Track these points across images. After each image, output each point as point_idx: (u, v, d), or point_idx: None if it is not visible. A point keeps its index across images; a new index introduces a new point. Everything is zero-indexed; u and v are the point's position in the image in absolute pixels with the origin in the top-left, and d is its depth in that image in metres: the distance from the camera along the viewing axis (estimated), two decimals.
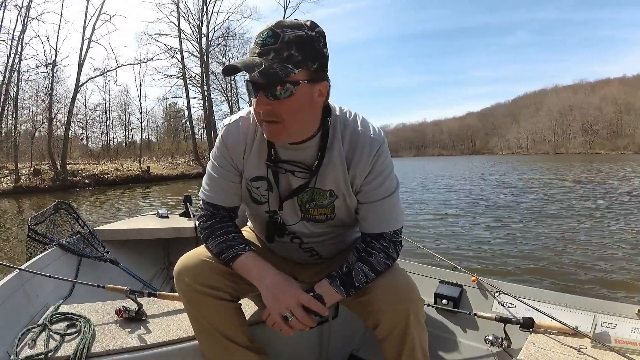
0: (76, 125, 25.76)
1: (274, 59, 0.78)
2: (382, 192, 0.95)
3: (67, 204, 1.98)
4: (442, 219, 6.32)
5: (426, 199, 9.20)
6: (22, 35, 18.11)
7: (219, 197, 1.00)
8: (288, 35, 0.78)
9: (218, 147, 0.99)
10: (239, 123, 0.97)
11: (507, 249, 4.26)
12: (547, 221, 5.80)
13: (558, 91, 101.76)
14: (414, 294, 0.94)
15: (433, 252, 1.82)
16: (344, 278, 0.93)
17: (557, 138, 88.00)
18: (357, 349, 1.49)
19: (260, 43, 0.79)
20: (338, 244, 1.11)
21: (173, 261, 1.44)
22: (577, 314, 1.21)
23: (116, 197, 13.35)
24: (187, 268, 0.96)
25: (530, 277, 3.31)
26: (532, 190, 10.30)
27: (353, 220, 1.04)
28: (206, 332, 0.97)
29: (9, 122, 19.88)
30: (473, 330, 1.37)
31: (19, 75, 18.70)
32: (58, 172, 17.81)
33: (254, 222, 1.16)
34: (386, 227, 0.97)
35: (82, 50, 20.12)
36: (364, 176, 0.94)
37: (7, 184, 15.88)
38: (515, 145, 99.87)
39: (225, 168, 0.98)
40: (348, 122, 0.94)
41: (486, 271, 3.37)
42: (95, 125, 31.94)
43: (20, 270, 1.26)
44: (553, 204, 7.51)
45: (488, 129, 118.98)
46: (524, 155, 74.64)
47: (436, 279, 1.52)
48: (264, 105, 0.82)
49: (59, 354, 0.95)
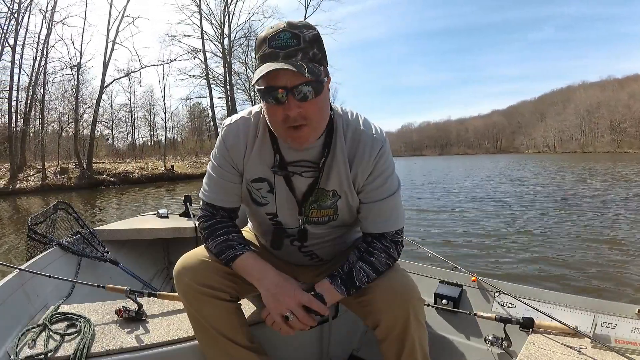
0: (102, 125, 26.90)
1: (303, 59, 0.78)
2: (383, 192, 0.95)
3: (67, 204, 1.98)
4: (449, 219, 6.32)
5: (437, 198, 9.20)
6: (47, 39, 18.93)
7: (219, 197, 1.00)
8: (307, 35, 0.79)
9: (218, 147, 0.98)
10: (240, 123, 0.97)
11: (507, 249, 4.26)
12: (549, 221, 5.80)
13: (585, 88, 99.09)
14: (414, 294, 0.94)
15: (433, 252, 1.82)
16: (345, 278, 0.93)
17: (585, 136, 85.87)
18: (357, 349, 1.49)
19: (281, 46, 0.78)
20: (338, 246, 1.10)
21: (173, 261, 1.44)
22: (577, 314, 1.21)
23: (141, 195, 13.65)
24: (187, 268, 0.96)
25: (530, 277, 3.31)
26: (542, 189, 10.30)
27: (354, 220, 1.04)
28: (206, 332, 0.97)
29: (36, 122, 20.74)
30: (473, 331, 1.37)
31: (45, 77, 19.45)
32: (84, 170, 18.42)
33: (253, 222, 1.16)
34: (388, 227, 0.97)
35: (106, 52, 20.70)
36: (365, 176, 0.94)
37: (34, 182, 16.51)
38: (541, 144, 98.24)
39: (225, 169, 0.98)
40: (350, 121, 0.95)
41: (486, 271, 3.37)
42: (121, 125, 32.64)
43: (20, 270, 1.26)
44: (555, 204, 7.51)
45: (514, 127, 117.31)
46: (551, 154, 72.94)
47: (436, 279, 1.52)
48: (296, 109, 0.80)
49: (59, 354, 0.95)
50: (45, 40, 18.86)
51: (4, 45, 17.90)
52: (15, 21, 17.99)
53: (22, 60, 18.61)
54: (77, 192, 15.02)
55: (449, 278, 1.51)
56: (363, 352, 1.47)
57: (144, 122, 34.12)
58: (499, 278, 1.67)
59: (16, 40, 18.13)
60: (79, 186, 16.70)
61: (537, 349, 1.09)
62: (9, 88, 18.37)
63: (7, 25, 17.82)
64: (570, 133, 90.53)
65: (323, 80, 0.81)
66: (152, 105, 31.90)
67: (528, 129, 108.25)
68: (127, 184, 18.06)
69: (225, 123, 0.99)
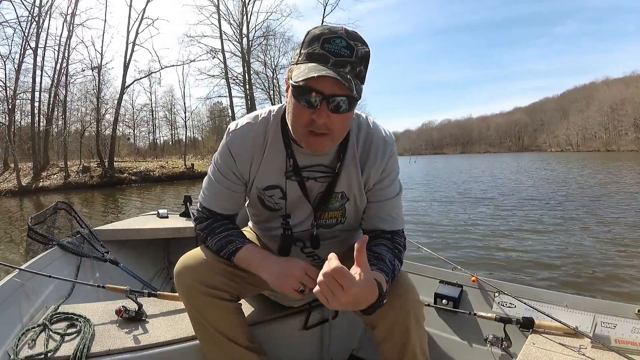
0: (124, 125, 27.21)
1: (350, 72, 0.76)
2: (391, 192, 0.97)
3: (67, 204, 1.98)
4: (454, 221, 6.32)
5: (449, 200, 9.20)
6: (68, 41, 19.45)
7: (218, 204, 0.99)
8: (360, 50, 0.78)
9: (222, 154, 0.95)
10: (246, 130, 0.93)
11: (507, 249, 4.26)
12: (552, 223, 5.80)
13: (609, 84, 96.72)
14: (413, 296, 0.94)
15: (433, 252, 1.82)
16: (392, 275, 0.89)
17: (608, 134, 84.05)
18: (357, 349, 1.49)
19: (335, 53, 0.76)
20: (339, 248, 1.10)
21: (173, 261, 1.44)
22: (577, 314, 1.21)
23: (161, 193, 13.81)
24: (187, 268, 0.96)
25: (530, 277, 3.31)
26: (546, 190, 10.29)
27: (359, 224, 1.05)
28: (206, 332, 0.97)
29: (59, 122, 21.20)
30: (473, 331, 1.37)
31: (67, 78, 19.98)
32: (106, 169, 18.76)
33: (260, 227, 1.12)
34: (397, 225, 0.99)
35: (126, 53, 21.00)
36: (377, 177, 0.95)
37: (57, 180, 16.97)
38: (564, 142, 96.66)
39: (227, 177, 0.96)
40: (361, 125, 0.96)
41: (486, 271, 3.38)
42: (142, 125, 33.12)
43: (20, 270, 1.26)
44: (557, 204, 7.51)
45: (536, 124, 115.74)
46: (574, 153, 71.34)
47: (436, 279, 1.52)
48: (325, 118, 0.78)
49: (59, 354, 0.95)
50: (66, 43, 19.42)
51: (26, 48, 18.49)
52: (36, 24, 18.51)
53: (43, 62, 19.17)
54: (98, 190, 15.29)
55: (449, 278, 1.51)
56: (363, 352, 1.47)
57: (165, 122, 34.80)
58: (499, 278, 1.67)
59: (37, 43, 18.63)
60: (101, 184, 17.04)
61: (537, 349, 1.09)
62: (32, 90, 18.99)
63: (28, 29, 18.42)
64: (593, 131, 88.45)
65: (359, 98, 0.79)
66: (172, 104, 32.48)
67: (550, 127, 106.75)
68: (148, 183, 18.39)
69: (230, 128, 0.95)
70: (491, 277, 1.51)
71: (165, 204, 10.11)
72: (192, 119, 33.19)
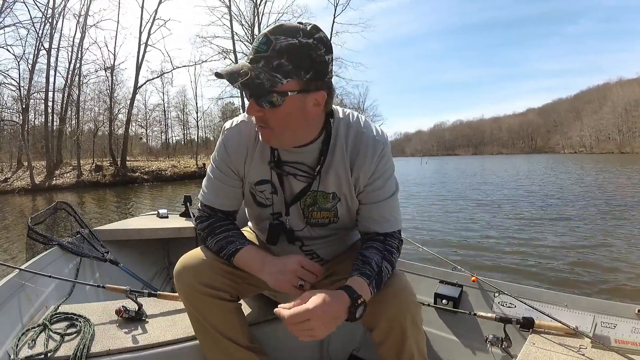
0: (136, 125, 27.77)
1: (263, 67, 0.76)
2: (384, 193, 0.95)
3: (67, 204, 1.97)
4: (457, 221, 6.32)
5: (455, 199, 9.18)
6: (81, 42, 19.95)
7: (218, 201, 1.00)
8: (280, 43, 0.76)
9: (219, 151, 0.98)
10: (241, 127, 0.96)
11: (507, 249, 4.26)
12: (550, 223, 5.80)
13: (623, 85, 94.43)
14: (410, 297, 0.94)
15: (433, 252, 1.82)
16: (377, 278, 0.89)
17: (622, 136, 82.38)
18: (357, 349, 1.49)
19: (254, 49, 0.78)
20: (339, 246, 1.10)
21: (173, 261, 1.44)
22: (577, 314, 1.21)
23: (173, 192, 13.88)
24: (187, 268, 0.96)
25: (530, 277, 3.31)
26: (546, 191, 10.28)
27: (354, 223, 1.04)
28: (206, 332, 0.97)
29: (72, 122, 21.68)
30: (473, 331, 1.37)
31: (80, 79, 20.42)
32: (118, 168, 19.05)
33: (256, 225, 1.15)
34: (391, 227, 0.97)
35: (139, 54, 21.27)
36: (367, 177, 0.94)
37: (70, 179, 17.35)
38: (578, 143, 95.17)
39: (225, 173, 0.98)
40: (351, 124, 0.94)
41: (486, 271, 3.37)
42: (154, 124, 33.50)
43: (20, 270, 1.26)
44: (557, 205, 7.51)
45: (549, 125, 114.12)
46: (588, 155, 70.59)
47: (436, 279, 1.52)
48: (254, 112, 0.82)
49: (59, 354, 0.95)
50: (79, 44, 19.85)
51: (40, 49, 18.80)
52: (49, 25, 18.82)
53: (57, 62, 19.57)
54: (111, 189, 15.46)
55: (449, 278, 1.51)
56: (363, 352, 1.47)
57: (177, 122, 35.12)
58: (499, 278, 1.67)
59: (51, 44, 18.96)
60: (113, 183, 17.24)
61: (537, 349, 1.09)
62: (45, 89, 19.31)
63: (42, 30, 18.76)
64: (607, 132, 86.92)
65: (281, 92, 0.77)
66: (184, 105, 32.81)
67: (564, 128, 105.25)
68: (159, 182, 18.60)
69: (225, 127, 0.98)
70: (491, 277, 1.50)
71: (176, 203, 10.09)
72: (204, 119, 33.56)
